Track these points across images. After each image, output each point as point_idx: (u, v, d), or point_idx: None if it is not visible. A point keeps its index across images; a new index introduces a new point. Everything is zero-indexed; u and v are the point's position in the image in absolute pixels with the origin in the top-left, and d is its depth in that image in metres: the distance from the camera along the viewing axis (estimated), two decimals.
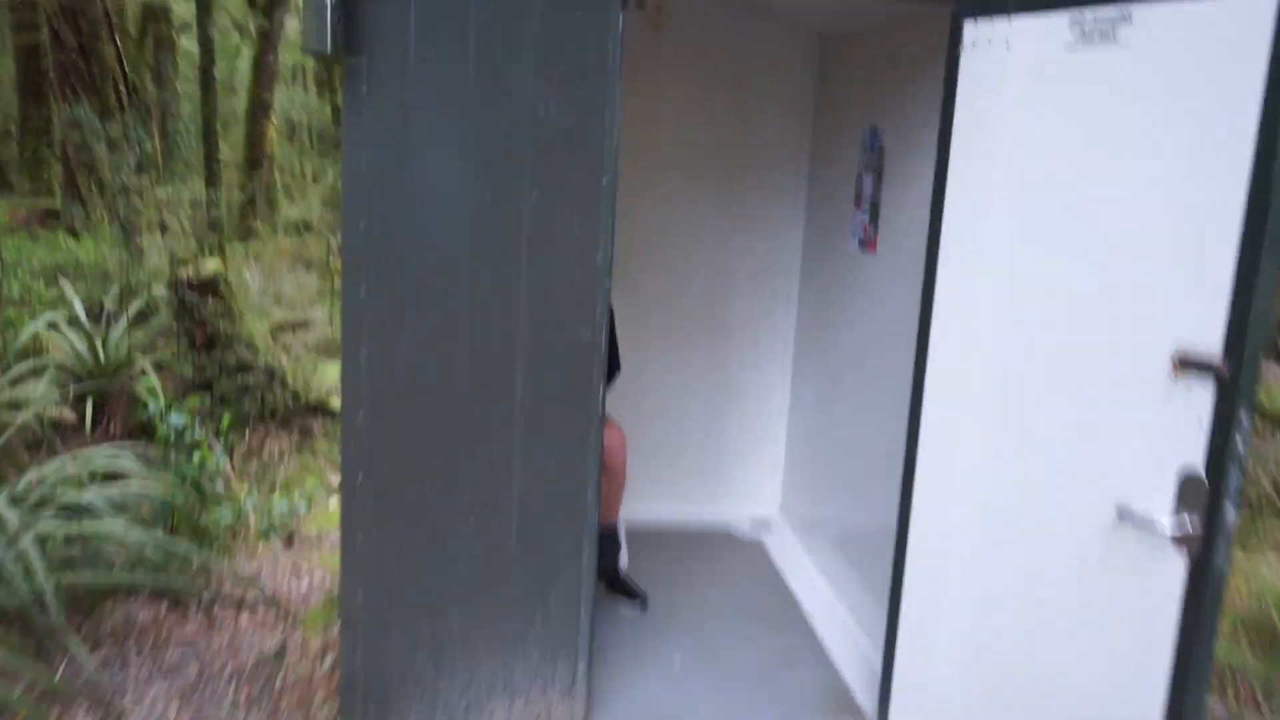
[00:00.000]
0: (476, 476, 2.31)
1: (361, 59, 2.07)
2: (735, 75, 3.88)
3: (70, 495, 3.20)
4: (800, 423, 4.03)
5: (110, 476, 3.45)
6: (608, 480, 3.23)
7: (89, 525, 3.02)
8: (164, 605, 3.28)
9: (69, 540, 3.05)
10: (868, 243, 3.27)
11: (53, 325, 5.35)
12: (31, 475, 3.29)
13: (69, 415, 4.93)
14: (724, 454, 4.20)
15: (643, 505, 4.09)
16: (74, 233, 8.00)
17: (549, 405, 2.30)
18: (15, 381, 5.28)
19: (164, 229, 8.49)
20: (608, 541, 3.28)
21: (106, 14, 8.77)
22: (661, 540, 3.93)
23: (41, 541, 2.89)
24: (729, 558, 3.84)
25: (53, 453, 4.60)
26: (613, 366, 3.38)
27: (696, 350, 4.10)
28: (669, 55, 3.84)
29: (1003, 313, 2.06)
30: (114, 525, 3.06)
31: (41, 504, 3.15)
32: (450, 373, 2.25)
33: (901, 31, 3.06)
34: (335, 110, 13.36)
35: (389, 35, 2.07)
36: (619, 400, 3.95)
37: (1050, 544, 1.96)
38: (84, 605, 3.16)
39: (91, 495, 3.18)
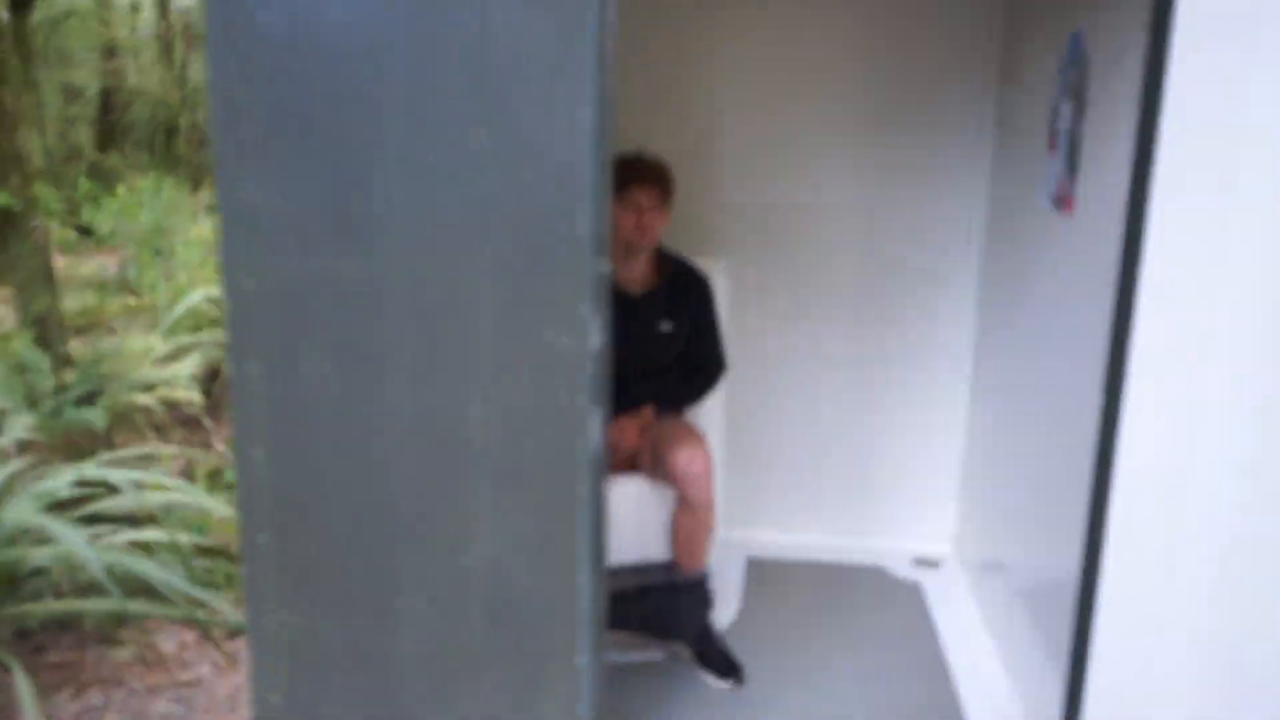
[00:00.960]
0: (424, 539, 1.65)
1: None
2: None
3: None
4: (983, 437, 3.07)
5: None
6: (689, 518, 2.50)
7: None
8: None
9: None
10: (1063, 200, 2.29)
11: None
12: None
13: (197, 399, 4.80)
14: (879, 474, 3.32)
15: (777, 536, 3.32)
16: None
17: (520, 441, 1.61)
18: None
19: None
20: (693, 596, 2.55)
21: None
22: (794, 578, 3.15)
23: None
24: (870, 605, 3.00)
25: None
26: (713, 365, 2.70)
27: (843, 342, 3.25)
28: None
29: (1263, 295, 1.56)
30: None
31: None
32: (378, 397, 1.61)
33: None
34: None
35: None
36: (734, 404, 3.20)
37: None
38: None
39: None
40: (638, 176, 2.47)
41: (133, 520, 2.90)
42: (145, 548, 2.80)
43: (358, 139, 1.51)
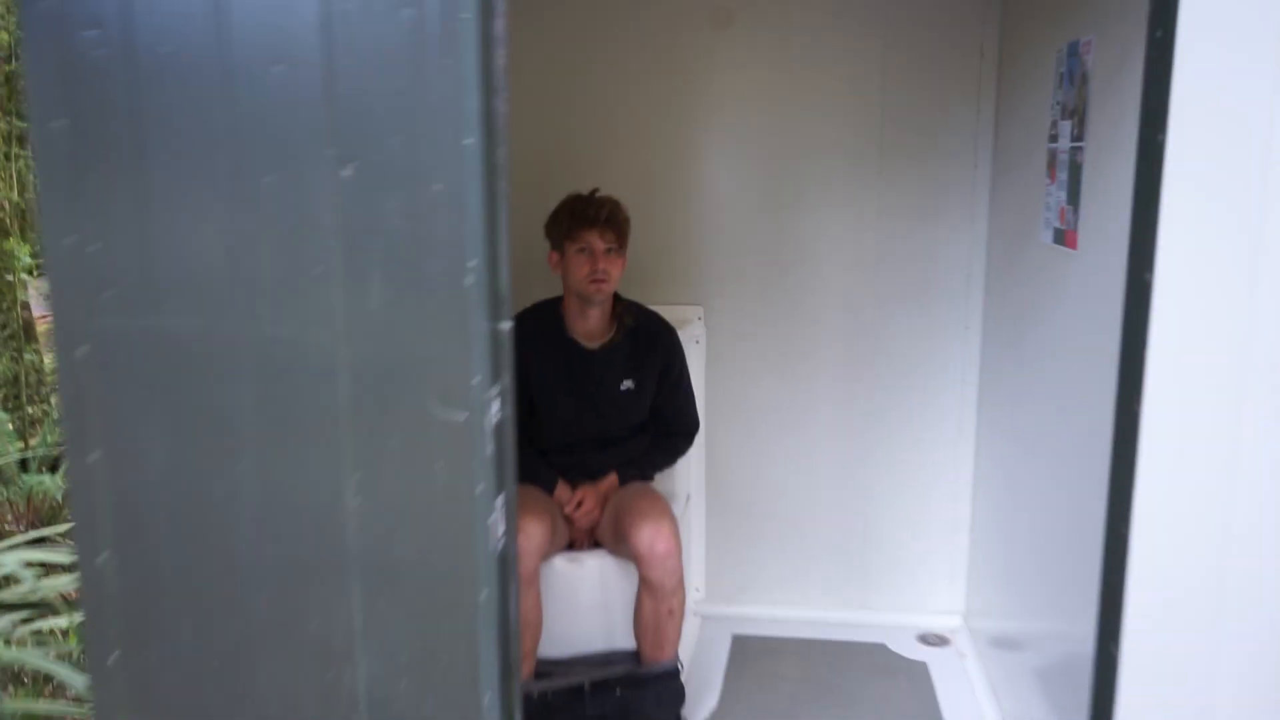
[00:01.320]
0: (287, 653, 1.37)
1: None
2: None
3: None
4: (992, 495, 2.76)
5: None
6: (654, 603, 2.21)
7: None
8: None
9: None
10: (1065, 233, 2.01)
11: None
12: None
13: None
14: (879, 540, 3.00)
15: (765, 610, 3.00)
16: None
17: (401, 534, 1.34)
18: None
19: None
20: (662, 691, 2.24)
21: None
22: (785, 658, 2.83)
23: None
24: (871, 686, 2.66)
25: None
26: (684, 427, 2.47)
27: (835, 393, 2.96)
28: None
29: None
30: None
31: None
32: (228, 482, 1.34)
33: None
34: None
35: None
36: (716, 463, 2.95)
37: None
38: None
39: None
40: (588, 218, 2.23)
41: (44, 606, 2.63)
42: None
43: (192, 174, 1.26)
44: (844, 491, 2.98)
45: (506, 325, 1.36)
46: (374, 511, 1.32)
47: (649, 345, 2.40)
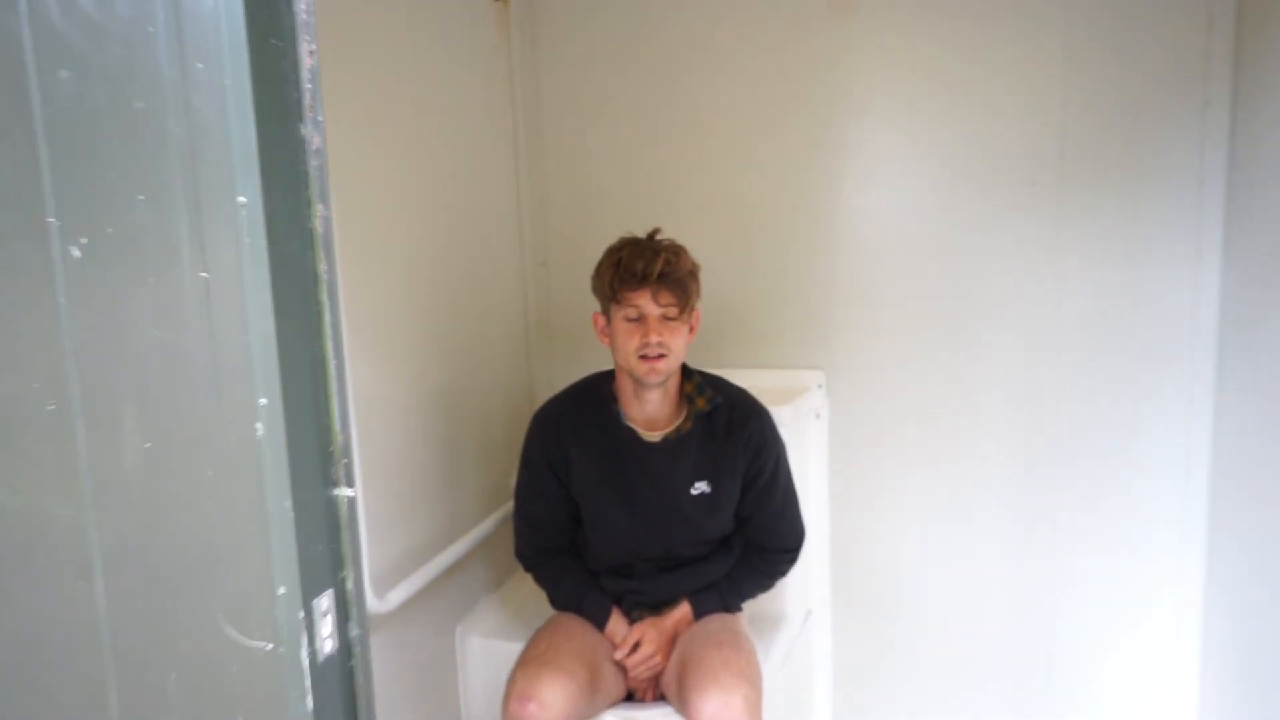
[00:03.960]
0: None
1: None
2: None
3: None
4: (1234, 631, 2.00)
5: None
6: None
7: None
8: None
9: None
10: None
11: None
12: None
13: None
14: (1068, 673, 2.29)
15: None
16: None
17: None
18: None
19: None
20: None
21: None
22: None
23: None
24: None
25: None
26: (782, 539, 1.95)
27: (1006, 482, 2.28)
28: None
29: None
30: None
31: None
32: None
33: None
34: None
35: None
36: (847, 571, 2.41)
37: None
38: None
39: None
40: (636, 274, 1.71)
41: None
42: None
43: None
44: (1020, 609, 2.29)
45: (346, 493, 0.86)
46: None
47: (731, 434, 1.85)
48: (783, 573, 1.98)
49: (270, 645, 0.80)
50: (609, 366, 1.91)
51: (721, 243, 2.35)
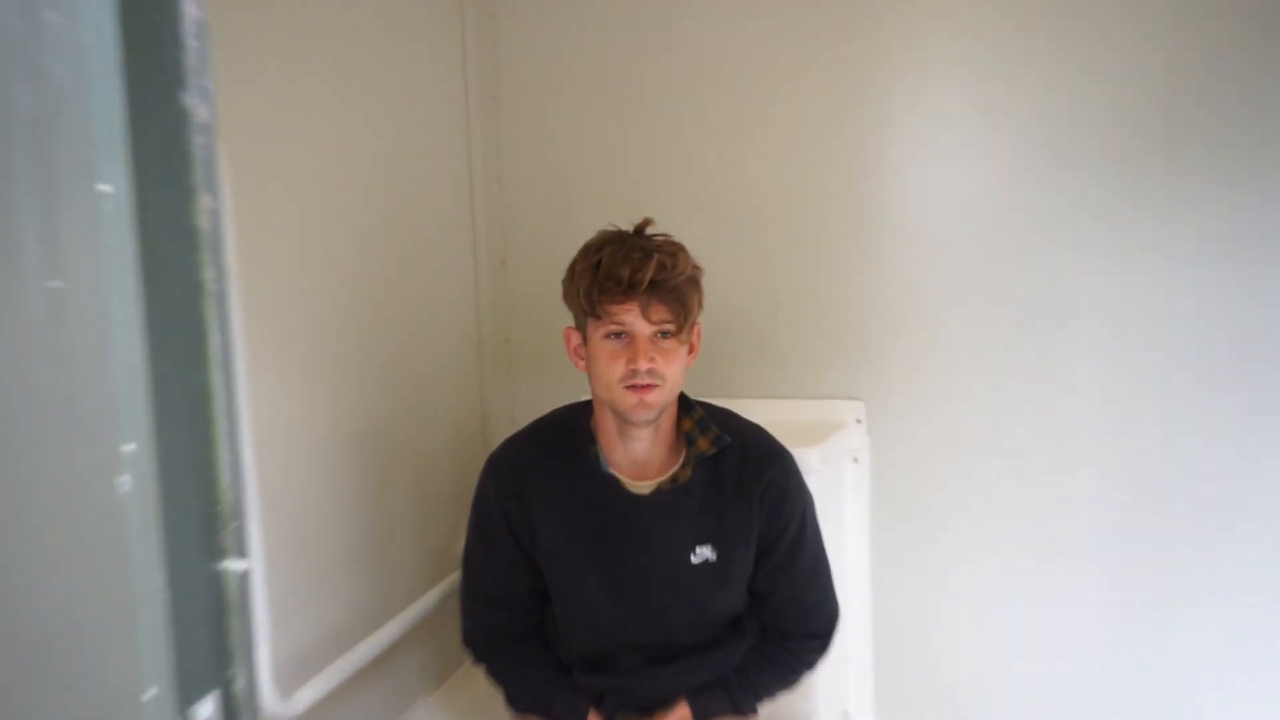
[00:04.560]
0: None
1: None
2: None
3: None
4: None
5: None
6: None
7: None
8: None
9: None
10: None
11: None
12: None
13: None
14: None
15: None
16: None
17: None
18: None
19: None
20: None
21: None
22: None
23: None
24: None
25: None
26: (811, 620, 1.99)
27: (1104, 540, 2.32)
28: None
29: None
30: None
31: None
32: None
33: None
34: None
35: None
36: (895, 662, 2.49)
37: None
38: None
39: None
40: (619, 281, 1.73)
41: None
42: None
43: None
44: (1131, 706, 2.31)
45: (237, 566, 0.88)
46: None
47: (743, 485, 1.88)
48: (811, 665, 2.00)
49: None
50: (586, 396, 1.92)
51: (728, 239, 2.39)
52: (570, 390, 2.05)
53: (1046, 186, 2.24)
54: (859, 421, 2.38)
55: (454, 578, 2.17)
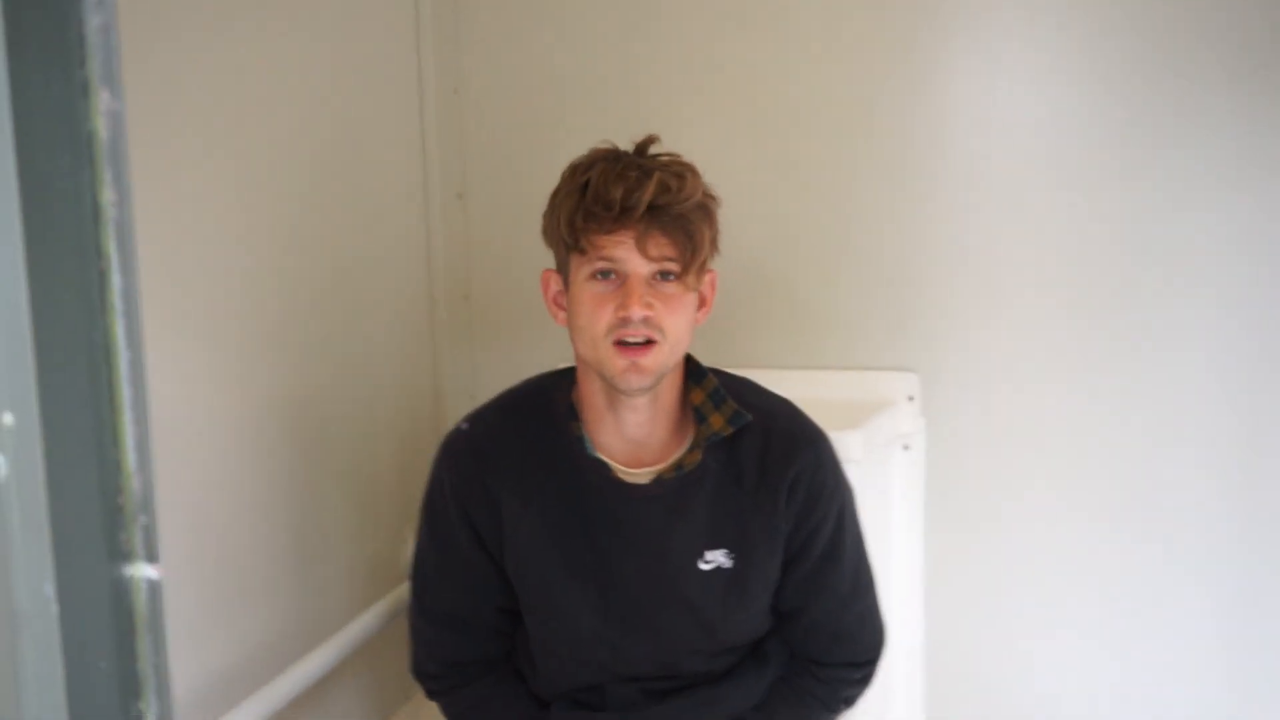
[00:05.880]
0: None
1: None
2: None
3: None
4: None
5: None
6: None
7: None
8: None
9: None
10: None
11: None
12: None
13: None
14: None
15: None
16: None
17: None
18: None
19: None
20: None
21: None
22: None
23: None
24: None
25: None
26: (850, 643, 2.06)
27: (1216, 544, 2.43)
28: None
29: None
30: None
31: None
32: None
33: None
34: None
35: None
36: (953, 689, 2.60)
37: None
38: None
39: None
40: (609, 204, 1.76)
41: None
42: None
43: None
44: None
45: (145, 573, 0.90)
46: None
47: (766, 474, 1.92)
48: (849, 701, 2.05)
49: None
50: (568, 362, 1.94)
51: (751, 172, 2.40)
52: (547, 361, 2.07)
53: (1143, 111, 2.35)
54: (911, 399, 2.45)
55: (401, 592, 2.20)
